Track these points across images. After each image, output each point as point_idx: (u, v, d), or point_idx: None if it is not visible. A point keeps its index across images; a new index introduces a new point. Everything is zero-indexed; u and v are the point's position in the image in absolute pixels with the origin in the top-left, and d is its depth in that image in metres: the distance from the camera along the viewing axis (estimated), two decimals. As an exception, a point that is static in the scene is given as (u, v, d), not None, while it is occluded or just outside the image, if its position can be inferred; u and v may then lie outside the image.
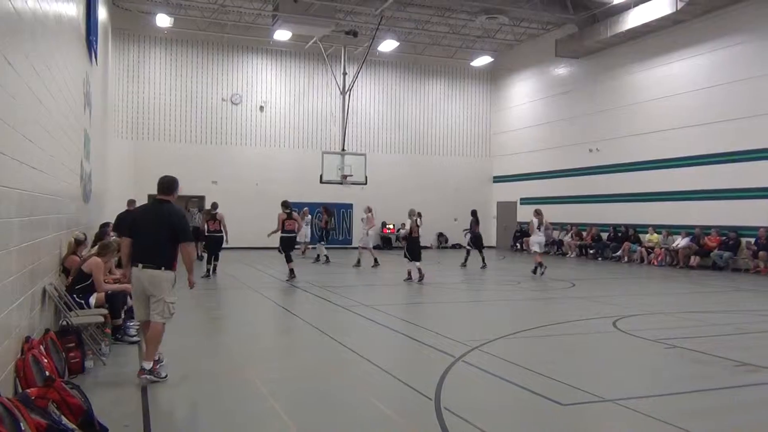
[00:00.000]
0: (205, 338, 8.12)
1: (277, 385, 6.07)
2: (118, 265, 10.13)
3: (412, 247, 15.27)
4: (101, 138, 17.45)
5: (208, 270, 15.96)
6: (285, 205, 15.55)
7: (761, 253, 17.39)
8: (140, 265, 6.10)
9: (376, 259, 18.84)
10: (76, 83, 9.91)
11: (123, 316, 7.94)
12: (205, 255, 16.85)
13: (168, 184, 6.45)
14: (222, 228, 16.28)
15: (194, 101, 26.39)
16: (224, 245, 16.45)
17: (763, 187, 17.94)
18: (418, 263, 15.07)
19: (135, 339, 7.73)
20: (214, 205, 16.83)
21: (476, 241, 19.20)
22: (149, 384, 5.84)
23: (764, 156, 17.97)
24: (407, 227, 15.55)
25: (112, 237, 10.72)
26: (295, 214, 15.80)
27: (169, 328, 7.22)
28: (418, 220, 15.52)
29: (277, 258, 18.64)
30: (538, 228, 17.09)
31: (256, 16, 24.73)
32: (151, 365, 5.99)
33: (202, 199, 24.45)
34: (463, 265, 19.07)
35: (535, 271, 16.69)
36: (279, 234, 15.45)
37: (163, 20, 23.74)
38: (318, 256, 20.83)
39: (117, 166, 23.42)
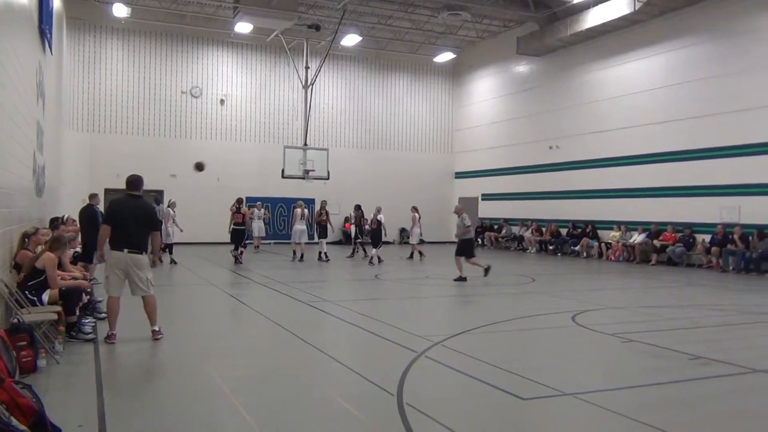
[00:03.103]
0: (166, 335, 7.95)
1: (239, 382, 5.99)
2: (74, 261, 9.91)
3: (375, 236, 19.46)
4: (55, 130, 16.97)
5: (236, 257, 18.08)
6: (238, 200, 18.65)
7: (713, 248, 17.89)
8: (125, 250, 7.39)
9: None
10: (28, 73, 9.61)
11: (78, 313, 7.71)
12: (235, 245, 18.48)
13: (137, 182, 7.74)
14: (245, 221, 18.45)
15: (153, 93, 25.87)
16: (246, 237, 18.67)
17: (717, 185, 18.44)
18: (375, 250, 18.97)
19: (90, 336, 7.53)
20: (240, 200, 18.76)
21: (356, 235, 21.98)
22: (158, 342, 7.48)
23: (718, 154, 18.47)
24: (369, 221, 19.64)
25: (69, 231, 10.49)
26: (244, 208, 18.59)
27: (128, 322, 7.09)
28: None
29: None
30: (419, 221, 20.41)
31: (217, 8, 24.35)
32: (158, 327, 7.62)
33: (160, 193, 24.02)
34: (365, 258, 20.50)
35: (413, 257, 20.44)
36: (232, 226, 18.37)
37: (120, 10, 23.20)
38: (320, 254, 19.81)
39: (72, 159, 22.83)
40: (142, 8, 23.98)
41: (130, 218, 7.43)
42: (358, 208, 21.58)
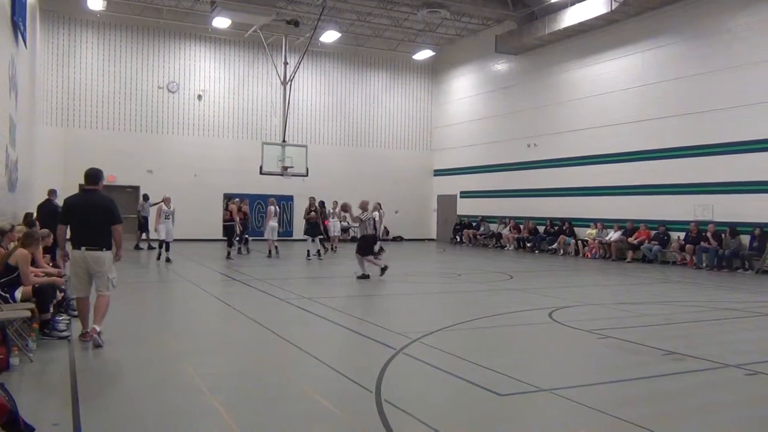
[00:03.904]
0: (142, 333, 7.87)
1: (217, 380, 5.94)
2: (47, 252, 9.73)
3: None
4: (28, 125, 16.69)
5: (229, 252, 18.75)
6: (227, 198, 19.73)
7: (688, 246, 18.16)
8: (83, 248, 7.06)
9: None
10: (1, 66, 9.43)
11: (52, 310, 7.59)
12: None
13: (95, 176, 7.32)
14: (233, 218, 18.76)
15: (129, 88, 25.55)
16: (236, 233, 19.06)
17: (691, 183, 18.72)
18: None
19: (64, 334, 7.41)
20: (229, 198, 19.62)
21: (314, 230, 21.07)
22: (94, 345, 6.86)
23: (692, 153, 18.75)
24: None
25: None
26: (231, 205, 18.89)
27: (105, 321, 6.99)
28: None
29: (216, 250, 18.50)
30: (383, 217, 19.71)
31: (194, 2, 24.10)
32: (100, 328, 6.98)
33: (136, 189, 23.76)
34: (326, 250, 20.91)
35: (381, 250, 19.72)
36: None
37: (95, 3, 22.84)
38: (309, 252, 19.29)
39: (46, 154, 22.45)
40: (117, 1, 23.63)
41: (86, 214, 7.11)
42: (322, 204, 21.21)
